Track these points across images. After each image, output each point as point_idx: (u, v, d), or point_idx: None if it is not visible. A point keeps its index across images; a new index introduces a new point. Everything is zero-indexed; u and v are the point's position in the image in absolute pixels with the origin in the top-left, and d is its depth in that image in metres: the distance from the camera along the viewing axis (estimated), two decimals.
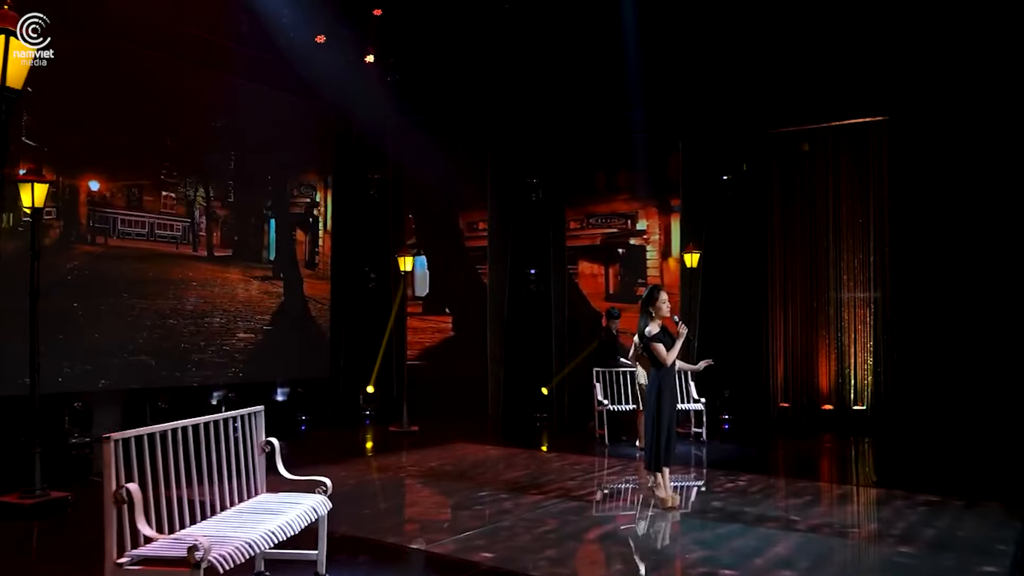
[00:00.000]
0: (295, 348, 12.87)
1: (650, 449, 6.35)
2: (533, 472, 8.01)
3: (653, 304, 6.41)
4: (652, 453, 6.32)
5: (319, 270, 13.50)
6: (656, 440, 6.29)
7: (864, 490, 7.32)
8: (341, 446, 10.33)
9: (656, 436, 6.29)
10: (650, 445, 6.35)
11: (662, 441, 6.28)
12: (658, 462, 6.29)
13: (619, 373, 10.49)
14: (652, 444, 6.33)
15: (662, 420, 6.29)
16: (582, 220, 13.80)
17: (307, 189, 13.37)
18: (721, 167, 13.17)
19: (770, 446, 10.85)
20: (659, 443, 6.28)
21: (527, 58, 12.93)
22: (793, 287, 12.75)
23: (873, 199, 12.23)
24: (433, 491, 7.02)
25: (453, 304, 13.94)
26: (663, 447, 6.28)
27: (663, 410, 6.31)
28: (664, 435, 6.29)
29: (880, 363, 12.13)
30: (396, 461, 8.78)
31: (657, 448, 6.28)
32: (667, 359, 6.31)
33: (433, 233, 14.12)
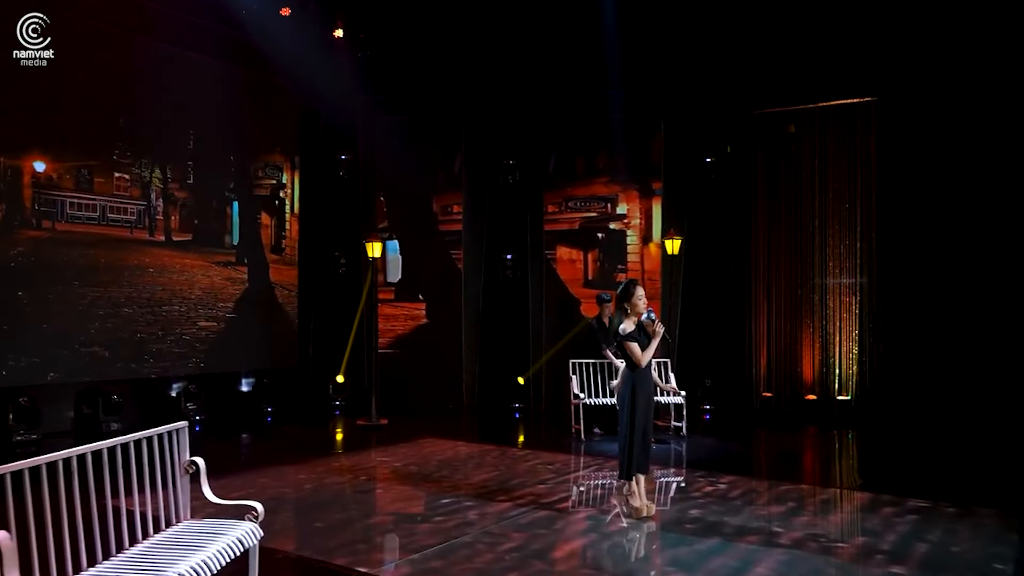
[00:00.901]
0: (261, 337, 12.35)
1: (623, 456, 5.92)
2: (502, 474, 7.58)
3: (628, 300, 5.95)
4: (625, 460, 5.89)
5: (286, 255, 12.94)
6: (629, 446, 5.85)
7: (850, 495, 6.94)
8: (304, 442, 9.86)
9: (629, 441, 5.85)
10: (623, 451, 5.92)
11: (636, 447, 5.84)
12: (631, 470, 5.86)
13: (599, 365, 10.07)
14: (625, 450, 5.89)
15: (636, 424, 5.85)
16: (560, 204, 13.30)
17: (272, 170, 12.77)
18: (704, 149, 12.75)
19: (752, 441, 10.49)
20: (632, 449, 5.84)
21: (503, 35, 12.38)
22: (777, 273, 12.39)
23: (860, 183, 11.87)
24: (394, 498, 6.56)
25: (427, 290, 13.44)
26: (637, 454, 5.85)
27: (637, 413, 5.87)
28: (638, 440, 5.85)
29: (865, 352, 11.81)
30: (359, 461, 8.32)
31: (630, 454, 5.85)
32: (641, 360, 5.86)
33: (406, 217, 13.58)
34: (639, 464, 5.90)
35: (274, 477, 7.36)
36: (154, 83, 10.73)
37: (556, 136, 13.26)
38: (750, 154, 12.52)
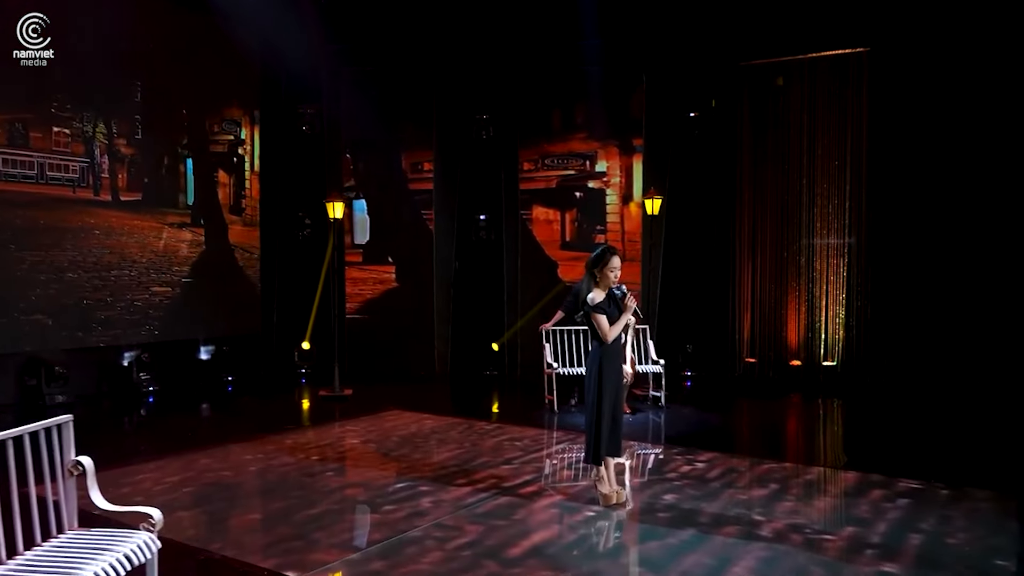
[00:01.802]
0: (220, 302, 11.71)
1: (590, 438, 5.39)
2: (466, 451, 7.07)
3: (601, 268, 5.36)
4: (593, 443, 5.36)
5: (246, 216, 12.24)
6: (597, 428, 5.32)
7: (837, 475, 6.48)
8: (261, 415, 9.32)
9: (597, 423, 5.32)
10: (590, 433, 5.39)
11: (604, 429, 5.31)
12: (599, 453, 5.33)
13: (574, 332, 9.55)
14: (593, 432, 5.36)
15: (603, 404, 5.31)
16: (536, 161, 12.63)
17: (230, 125, 12.00)
18: (688, 103, 12.13)
19: (733, 411, 10.03)
20: (600, 431, 5.31)
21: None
22: (763, 234, 11.87)
23: (851, 139, 11.31)
24: (344, 483, 6.04)
25: (396, 253, 12.80)
26: (605, 436, 5.32)
27: (605, 391, 5.32)
28: (607, 421, 5.32)
29: (852, 316, 11.37)
30: (315, 437, 7.77)
31: (598, 437, 5.32)
32: (608, 335, 5.30)
33: (373, 175, 12.87)
34: (609, 447, 5.38)
35: (219, 458, 6.82)
36: (94, 29, 9.91)
37: (532, 90, 12.54)
38: (735, 109, 11.94)
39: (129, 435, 8.42)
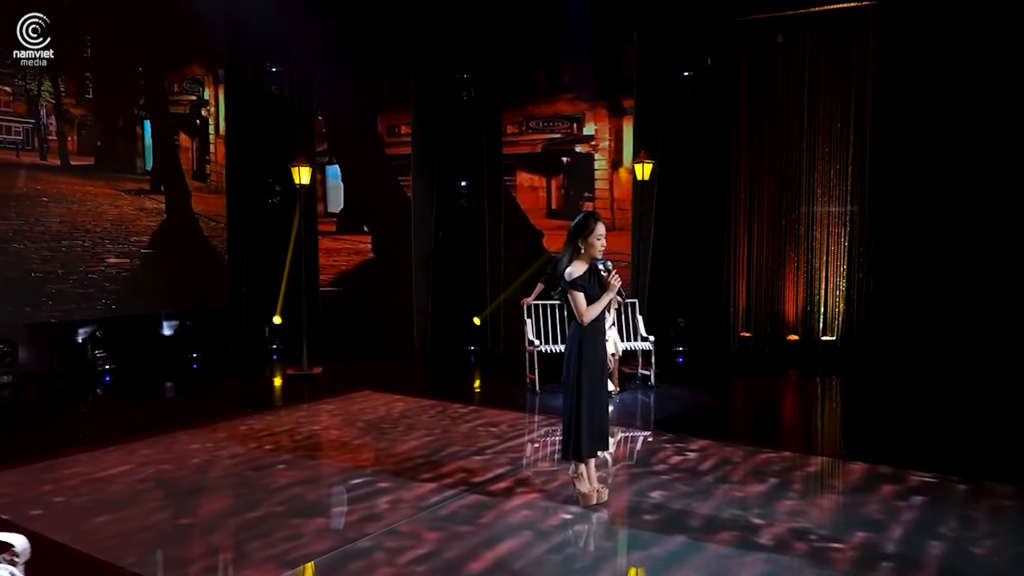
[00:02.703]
0: (184, 274, 11.01)
1: (568, 430, 4.76)
2: (436, 439, 6.45)
3: (584, 237, 4.68)
4: (572, 436, 4.73)
5: (211, 182, 11.50)
6: (576, 419, 4.69)
7: (842, 466, 5.88)
8: (221, 397, 8.68)
9: (576, 413, 4.68)
10: (568, 425, 4.76)
11: (584, 420, 4.68)
12: (579, 448, 4.70)
13: (558, 307, 8.89)
14: (572, 424, 4.73)
15: (583, 392, 4.67)
16: (521, 124, 11.89)
17: (192, 84, 11.20)
18: (682, 62, 11.42)
19: (728, 390, 9.43)
20: (580, 423, 4.68)
21: None
22: (760, 201, 11.23)
23: (855, 100, 10.63)
24: (294, 479, 5.40)
25: (372, 221, 12.10)
26: (586, 428, 4.69)
27: (584, 377, 4.68)
28: (587, 412, 4.69)
29: (853, 288, 10.78)
30: (274, 423, 7.13)
31: (577, 429, 4.68)
32: (585, 316, 4.65)
33: (347, 138, 12.11)
34: (590, 443, 4.74)
35: (163, 448, 6.18)
36: None
37: (516, 47, 11.76)
38: (732, 67, 11.25)
39: (73, 419, 7.76)
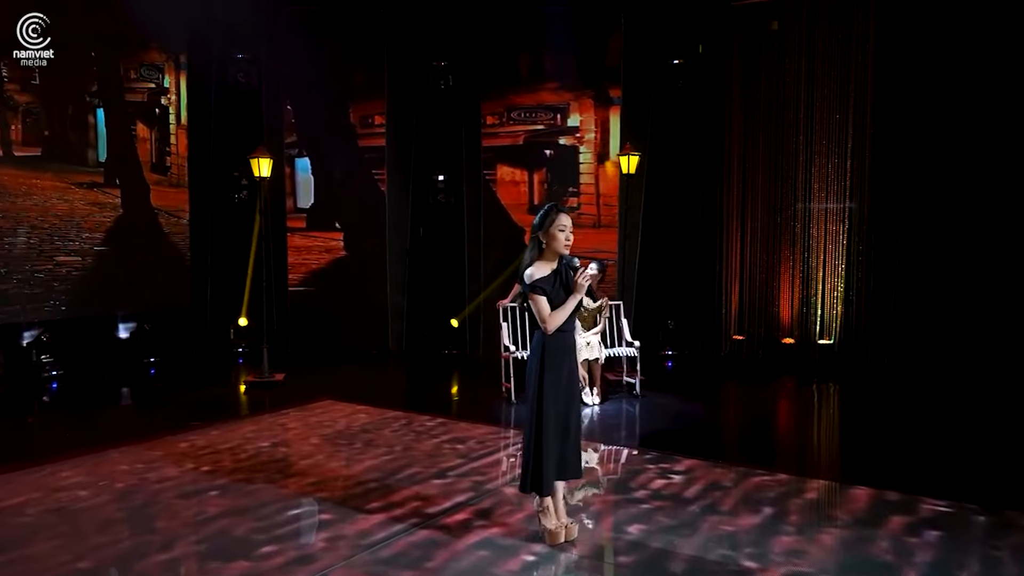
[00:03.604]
0: (142, 273, 10.34)
1: (528, 459, 4.11)
2: (395, 459, 5.81)
3: (545, 229, 4.07)
4: (532, 466, 4.08)
5: (172, 175, 10.82)
6: (537, 445, 4.04)
7: (844, 491, 5.26)
8: (170, 407, 8.01)
9: (537, 439, 4.04)
10: (528, 453, 4.11)
11: (548, 447, 4.04)
12: (539, 480, 4.06)
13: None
14: (531, 451, 4.08)
15: (546, 414, 4.03)
16: (501, 115, 11.25)
17: (150, 71, 10.52)
18: (671, 49, 10.84)
19: (719, 399, 8.82)
20: (542, 450, 4.04)
21: None
22: (754, 197, 10.66)
23: (854, 91, 10.07)
24: (224, 508, 4.75)
25: (344, 218, 11.45)
26: (550, 456, 4.05)
27: (547, 397, 4.03)
28: (552, 436, 4.05)
29: (852, 289, 10.23)
30: (219, 439, 6.47)
31: (538, 458, 4.04)
32: (548, 323, 4.02)
33: (318, 129, 11.44)
34: (558, 469, 4.12)
35: (87, 470, 5.54)
36: None
37: (496, 33, 11.11)
38: (725, 55, 10.67)
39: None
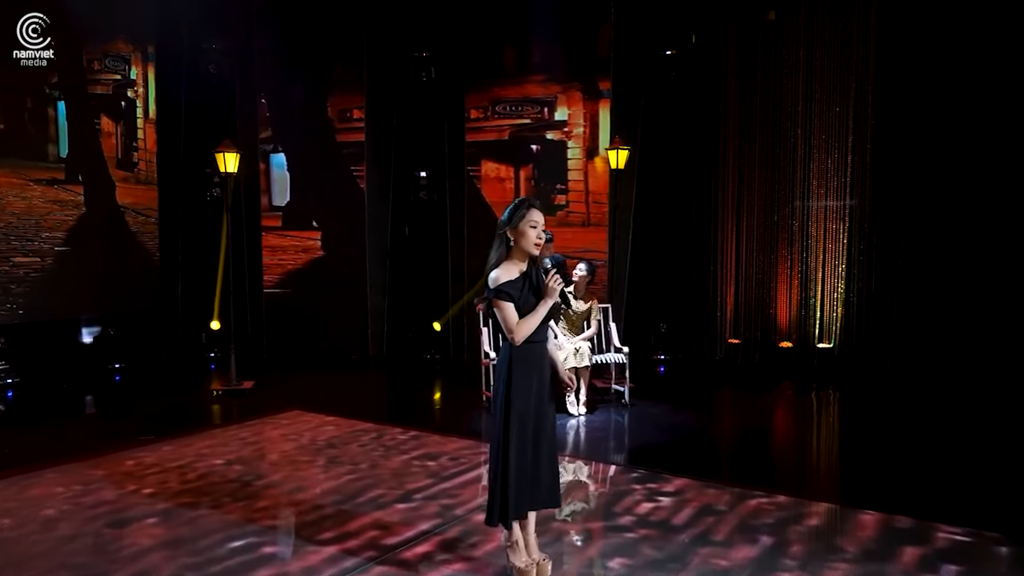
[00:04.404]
0: (107, 274, 9.82)
1: (495, 489, 3.62)
2: (360, 479, 5.32)
3: (514, 225, 3.59)
4: (499, 496, 3.58)
5: (140, 171, 10.31)
6: (503, 473, 3.55)
7: (850, 516, 4.77)
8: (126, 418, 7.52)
9: (503, 466, 3.54)
10: (495, 482, 3.62)
11: (514, 473, 3.54)
12: (506, 512, 3.57)
13: None
14: (496, 480, 3.59)
15: (510, 437, 3.53)
16: (486, 108, 10.75)
17: (116, 62, 10.01)
18: (663, 40, 10.39)
19: (713, 408, 8.33)
20: (507, 478, 3.54)
21: None
22: (750, 194, 10.21)
23: (855, 82, 9.61)
24: (158, 539, 4.26)
25: (322, 216, 10.95)
26: (516, 484, 3.55)
27: (514, 417, 3.54)
28: (515, 463, 3.54)
29: (853, 290, 9.77)
30: (171, 454, 5.97)
31: (504, 487, 3.55)
32: (516, 333, 3.54)
33: (294, 123, 10.94)
34: (528, 499, 3.63)
35: (15, 492, 5.03)
36: None
37: (481, 23, 10.61)
38: (719, 46, 10.21)
39: None
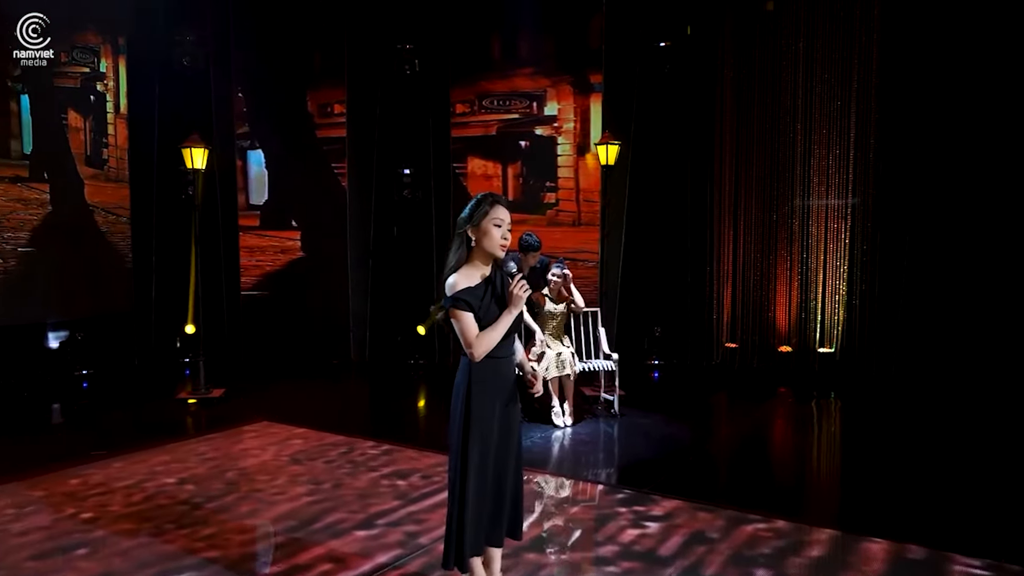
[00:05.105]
0: (76, 276, 9.39)
1: (450, 526, 3.17)
2: (320, 501, 4.89)
3: (476, 223, 3.15)
4: (455, 535, 3.13)
5: (110, 169, 9.86)
6: (460, 509, 3.11)
7: (856, 546, 4.34)
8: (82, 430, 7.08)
9: (460, 501, 3.10)
10: (450, 519, 3.17)
11: (471, 511, 3.10)
12: (462, 552, 3.11)
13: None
14: (453, 517, 3.15)
15: (469, 468, 3.10)
16: (472, 102, 10.32)
17: (84, 54, 9.56)
18: (657, 31, 9.94)
19: (708, 419, 7.89)
20: (464, 515, 3.10)
21: None
22: (748, 192, 9.79)
23: (857, 74, 9.18)
24: (86, 573, 3.84)
25: (302, 215, 10.53)
26: (474, 521, 3.11)
27: (473, 444, 3.10)
28: (477, 498, 3.11)
29: (855, 292, 9.33)
30: (121, 471, 5.53)
31: (460, 525, 3.11)
32: (475, 348, 3.10)
33: (272, 118, 10.51)
34: (488, 535, 3.19)
35: None
36: None
37: (466, 12, 10.17)
38: (715, 38, 9.78)
39: None
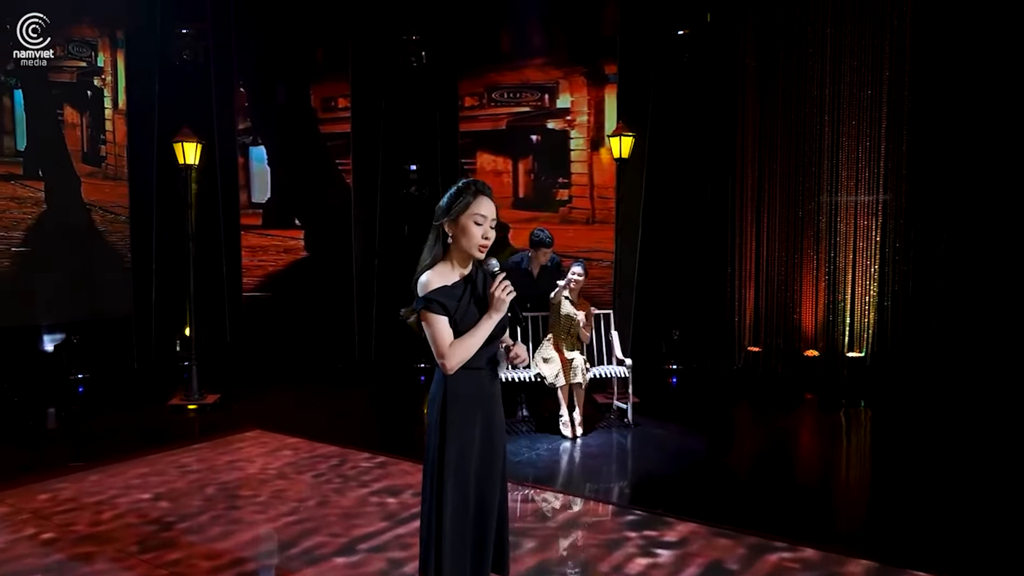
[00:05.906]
0: (72, 277, 9.11)
1: (427, 556, 2.75)
2: (301, 521, 4.49)
3: (453, 217, 2.71)
4: (431, 564, 2.72)
5: (108, 166, 9.57)
6: (436, 535, 2.69)
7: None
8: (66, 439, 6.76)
9: (435, 528, 2.69)
10: (426, 547, 2.75)
11: (446, 542, 2.68)
12: None
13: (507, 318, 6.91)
14: (429, 546, 2.73)
15: (445, 493, 2.68)
16: (481, 95, 9.92)
17: (81, 48, 9.27)
18: (675, 18, 9.55)
19: (728, 429, 7.40)
20: (442, 543, 2.68)
21: None
22: (771, 187, 9.34)
23: (889, 61, 8.67)
24: None
25: (305, 214, 10.20)
26: (452, 550, 2.69)
27: (448, 466, 2.69)
28: (450, 526, 2.67)
29: (887, 293, 8.82)
30: (95, 484, 5.17)
31: (438, 555, 2.69)
32: (449, 359, 2.66)
33: (275, 113, 10.21)
34: (475, 566, 2.78)
35: None
36: None
37: (475, 3, 9.79)
38: (737, 24, 9.29)
39: None
